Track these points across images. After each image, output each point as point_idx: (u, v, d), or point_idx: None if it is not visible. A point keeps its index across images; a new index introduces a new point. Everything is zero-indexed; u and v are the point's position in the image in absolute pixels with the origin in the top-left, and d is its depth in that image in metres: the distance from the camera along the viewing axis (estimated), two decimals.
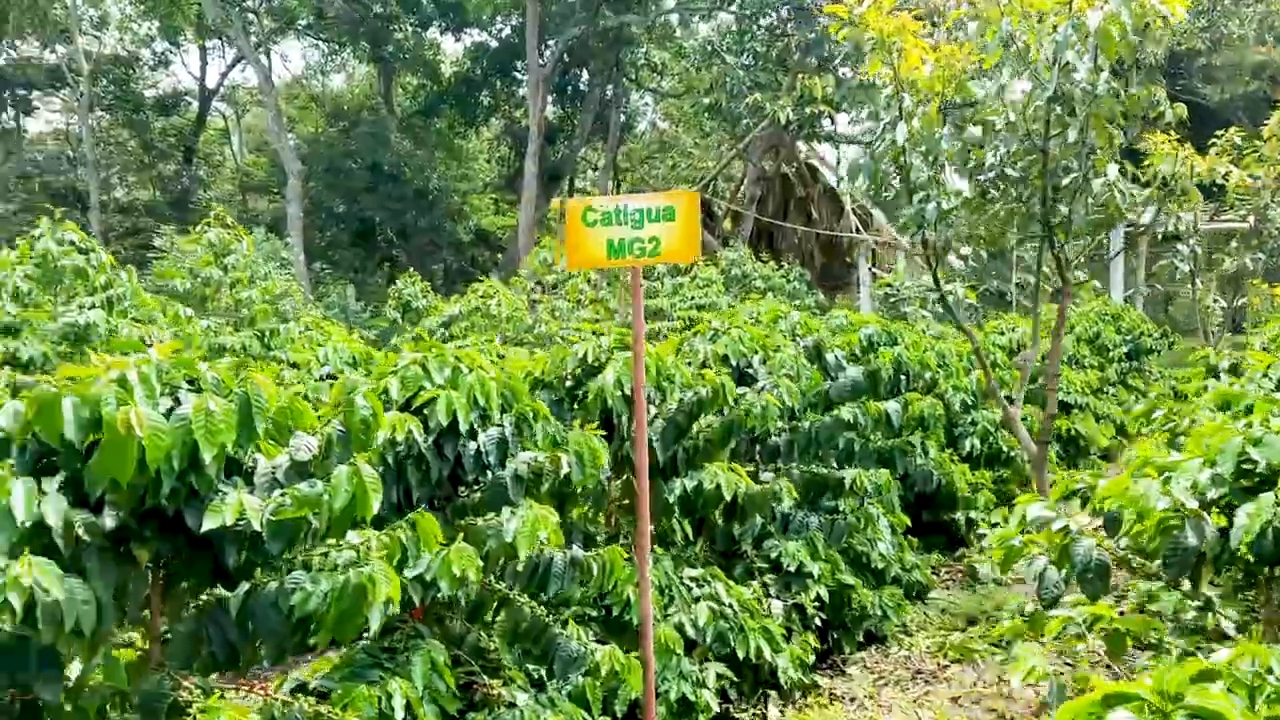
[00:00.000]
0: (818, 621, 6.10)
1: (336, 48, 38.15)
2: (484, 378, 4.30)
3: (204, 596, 3.58)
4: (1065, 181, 7.24)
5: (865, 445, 7.46)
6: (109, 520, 3.22)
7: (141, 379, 3.33)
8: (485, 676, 4.18)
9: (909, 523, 7.58)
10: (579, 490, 4.53)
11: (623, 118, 34.29)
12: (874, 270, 21.46)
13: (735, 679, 5.35)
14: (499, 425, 4.31)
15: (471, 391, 4.23)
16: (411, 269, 14.64)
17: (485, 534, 4.03)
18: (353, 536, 3.61)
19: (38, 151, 33.62)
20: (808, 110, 22.15)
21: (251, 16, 32.24)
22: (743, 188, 25.63)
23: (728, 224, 26.60)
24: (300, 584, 3.46)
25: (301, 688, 3.92)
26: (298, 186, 30.92)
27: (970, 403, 9.44)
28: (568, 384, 5.34)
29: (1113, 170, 7.09)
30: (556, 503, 4.45)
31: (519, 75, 38.21)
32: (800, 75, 21.51)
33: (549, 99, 30.78)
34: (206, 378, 3.44)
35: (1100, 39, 6.40)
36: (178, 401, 3.33)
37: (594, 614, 4.99)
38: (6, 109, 33.62)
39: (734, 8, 24.15)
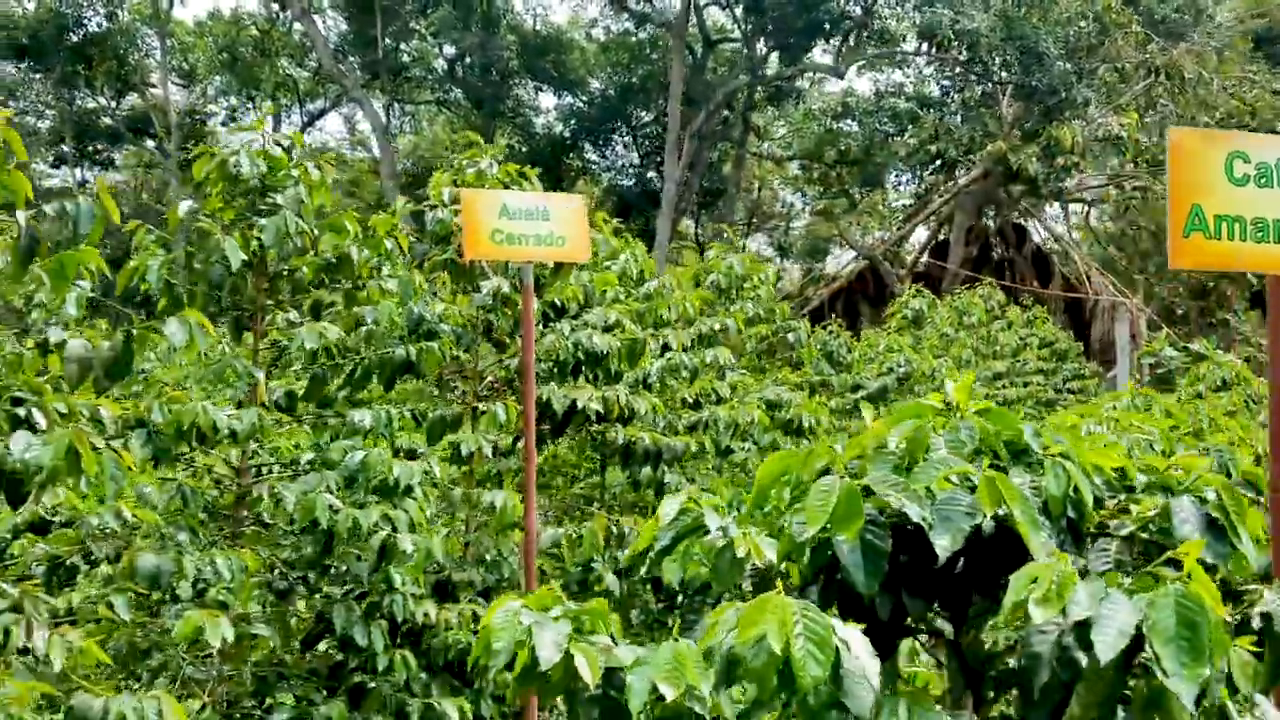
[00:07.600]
0: None
1: (417, 106, 36.19)
2: None
3: None
4: None
5: None
6: None
7: None
8: None
9: None
10: None
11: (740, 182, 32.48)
12: (1133, 336, 19.63)
13: None
14: None
15: None
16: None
17: None
18: None
19: (122, 204, 30.91)
20: (1057, 162, 20.59)
21: (358, 71, 30.24)
22: (939, 246, 23.83)
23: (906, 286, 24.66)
24: None
25: None
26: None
27: None
28: None
29: None
30: None
31: (612, 138, 36.40)
32: (1052, 124, 19.90)
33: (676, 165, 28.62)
34: None
35: None
36: None
37: None
38: (81, 164, 30.98)
39: (951, 52, 22.49)
